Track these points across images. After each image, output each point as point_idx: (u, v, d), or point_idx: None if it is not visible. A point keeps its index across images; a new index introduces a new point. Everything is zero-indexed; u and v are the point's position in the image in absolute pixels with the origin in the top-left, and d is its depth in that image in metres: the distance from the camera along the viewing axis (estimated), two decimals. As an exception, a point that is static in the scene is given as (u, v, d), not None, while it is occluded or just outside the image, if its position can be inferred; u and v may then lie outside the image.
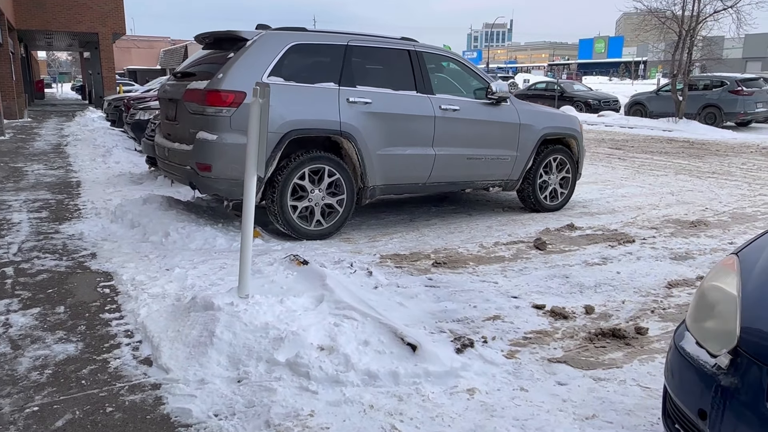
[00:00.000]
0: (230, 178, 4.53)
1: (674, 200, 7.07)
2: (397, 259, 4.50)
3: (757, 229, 5.67)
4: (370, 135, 4.97)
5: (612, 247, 4.97)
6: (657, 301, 3.75)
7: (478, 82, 5.80)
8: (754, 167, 9.88)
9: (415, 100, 5.27)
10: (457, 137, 5.49)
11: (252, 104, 2.90)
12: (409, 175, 5.32)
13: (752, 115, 16.80)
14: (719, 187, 8.03)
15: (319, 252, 4.53)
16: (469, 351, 2.84)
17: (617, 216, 6.19)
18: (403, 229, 5.51)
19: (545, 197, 6.27)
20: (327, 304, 3.19)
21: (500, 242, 5.07)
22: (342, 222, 5.02)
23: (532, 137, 5.98)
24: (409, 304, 3.52)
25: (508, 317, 3.43)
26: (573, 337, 3.18)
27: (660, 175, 9.00)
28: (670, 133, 15.66)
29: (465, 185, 5.76)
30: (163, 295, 3.40)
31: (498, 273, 4.27)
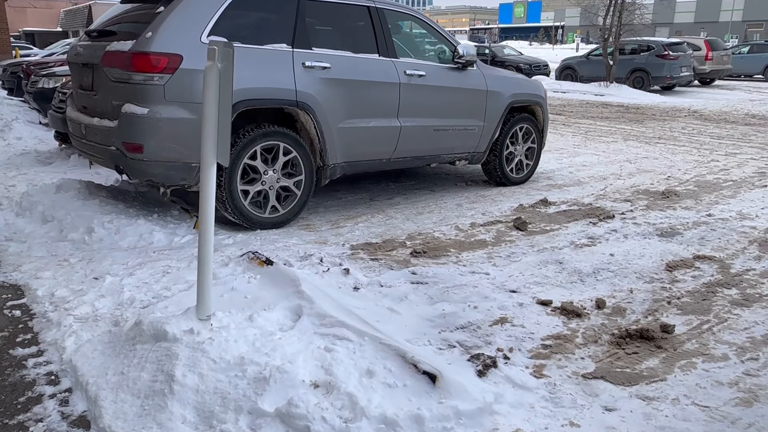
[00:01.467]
0: (166, 160, 3.76)
1: (634, 169, 6.87)
2: (370, 249, 3.93)
3: (726, 198, 5.51)
4: (330, 105, 4.30)
5: (594, 225, 4.62)
6: (666, 289, 3.40)
7: (442, 45, 5.23)
8: (695, 132, 9.95)
9: (378, 65, 4.63)
10: (424, 106, 4.91)
11: (208, 71, 2.20)
12: (372, 151, 4.72)
13: (677, 79, 17.23)
14: (671, 153, 7.94)
15: (280, 245, 3.88)
16: (494, 373, 2.34)
17: (586, 188, 5.88)
18: (365, 210, 4.92)
19: (511, 170, 5.85)
20: (308, 319, 2.59)
21: (476, 223, 4.60)
22: (301, 207, 4.37)
23: (499, 105, 5.50)
24: (401, 308, 2.97)
25: (515, 319, 2.96)
26: (597, 341, 2.76)
27: (610, 142, 8.85)
28: (603, 97, 15.76)
29: (431, 160, 5.23)
30: (95, 316, 2.67)
31: (485, 261, 3.80)
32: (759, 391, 2.36)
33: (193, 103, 3.72)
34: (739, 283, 3.49)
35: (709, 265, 3.79)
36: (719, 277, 3.60)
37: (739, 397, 2.32)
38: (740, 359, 2.61)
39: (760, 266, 3.79)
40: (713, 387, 2.38)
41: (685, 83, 18.06)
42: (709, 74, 18.98)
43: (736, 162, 7.32)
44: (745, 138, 9.29)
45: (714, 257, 3.92)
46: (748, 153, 7.98)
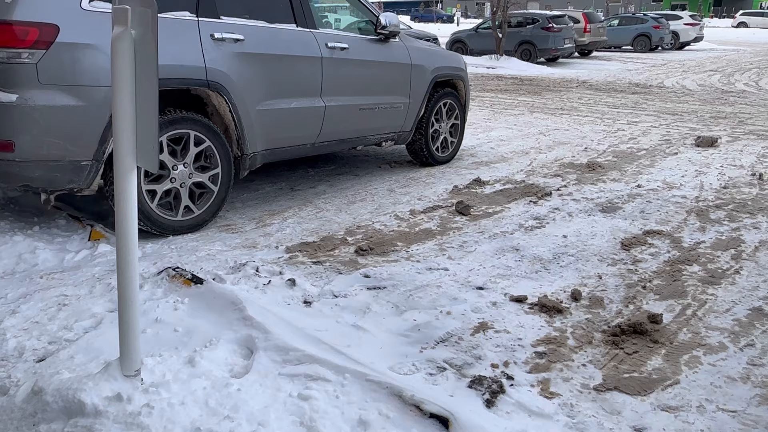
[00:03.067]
0: (47, 159, 2.99)
1: (551, 141, 6.82)
2: (309, 250, 3.42)
3: (646, 167, 5.56)
4: (246, 84, 3.68)
5: (535, 204, 4.41)
6: (632, 271, 3.22)
7: (363, 14, 4.72)
8: (592, 102, 10.23)
9: (297, 37, 4.05)
10: (348, 83, 4.41)
11: (117, 41, 1.59)
12: (296, 135, 4.16)
13: (561, 50, 17.86)
14: (578, 124, 8.03)
15: (202, 254, 3.26)
16: (503, 401, 1.97)
17: (512, 164, 5.70)
18: (290, 203, 4.37)
19: (437, 148, 5.52)
20: (266, 356, 2.07)
21: (416, 210, 4.22)
22: (219, 205, 3.73)
23: (424, 80, 5.11)
24: (367, 324, 2.52)
25: (495, 322, 2.61)
26: (590, 342, 2.48)
27: (518, 114, 8.82)
28: (495, 70, 15.96)
29: (357, 142, 4.75)
30: (-29, 382, 1.97)
31: (438, 254, 3.43)
32: (773, 384, 2.19)
33: (78, 85, 2.98)
34: (697, 259, 3.39)
35: (661, 241, 3.68)
36: (676, 252, 3.49)
37: (759, 394, 2.13)
38: (738, 347, 2.45)
39: (708, 238, 3.74)
40: (728, 385, 2.18)
41: (568, 55, 18.80)
42: (587, 46, 19.90)
43: (639, 130, 7.52)
44: (638, 106, 9.67)
45: (662, 231, 3.83)
46: (647, 121, 8.26)
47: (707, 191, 4.78)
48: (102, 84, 3.05)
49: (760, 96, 10.96)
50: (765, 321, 2.66)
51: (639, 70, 16.09)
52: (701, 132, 7.29)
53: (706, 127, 7.71)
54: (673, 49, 24.01)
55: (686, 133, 7.32)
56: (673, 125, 7.91)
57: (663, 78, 14.12)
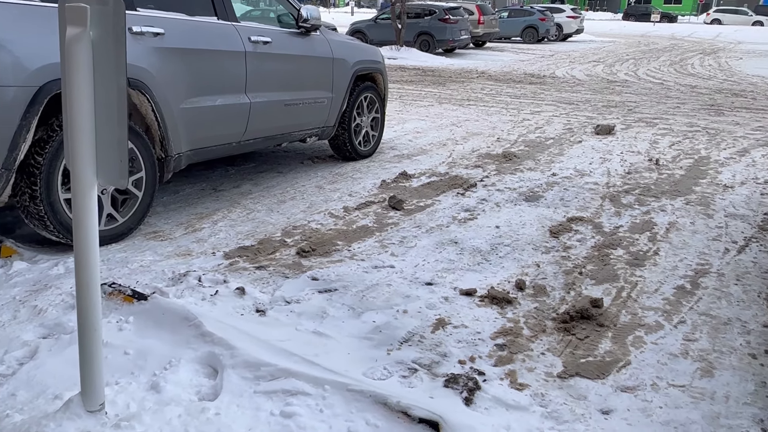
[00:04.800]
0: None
1: (464, 132, 7.01)
2: (249, 255, 3.29)
3: (557, 156, 5.87)
4: (169, 82, 3.46)
5: (462, 195, 4.52)
6: (566, 257, 3.39)
7: (283, 6, 4.58)
8: (494, 92, 10.64)
9: (219, 30, 3.85)
10: (273, 78, 4.27)
11: (71, 44, 1.42)
12: (222, 134, 3.97)
13: (458, 41, 18.39)
14: (486, 114, 8.32)
15: (134, 266, 3.03)
16: (481, 397, 2.01)
17: (432, 156, 5.80)
18: (216, 204, 4.18)
19: (360, 142, 5.50)
20: (236, 373, 1.97)
21: (349, 207, 4.18)
22: (144, 211, 3.49)
23: (345, 74, 5.06)
24: (328, 330, 2.47)
25: (452, 318, 2.66)
26: (544, 330, 2.59)
27: (428, 106, 8.99)
28: (397, 60, 16.14)
29: (283, 139, 4.62)
30: None
31: (381, 251, 3.43)
32: (708, 357, 2.40)
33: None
34: (620, 243, 3.63)
35: (585, 227, 3.91)
36: (600, 238, 3.72)
37: (699, 368, 2.32)
38: (672, 325, 2.65)
39: (624, 222, 4.02)
40: (672, 361, 2.36)
41: (464, 46, 19.40)
42: (482, 37, 20.64)
43: (543, 120, 7.92)
44: (537, 96, 10.19)
45: (584, 218, 4.06)
46: (548, 110, 8.72)
47: (614, 177, 5.13)
48: (9, 84, 2.73)
49: (641, 85, 11.91)
50: (690, 298, 2.91)
51: (531, 61, 16.93)
52: (598, 120, 7.80)
53: (601, 116, 8.27)
54: (558, 41, 25.48)
55: (585, 121, 7.81)
56: (572, 114, 8.41)
57: (554, 68, 14.96)
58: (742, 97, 10.30)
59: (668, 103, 9.56)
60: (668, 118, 8.15)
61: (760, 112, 8.80)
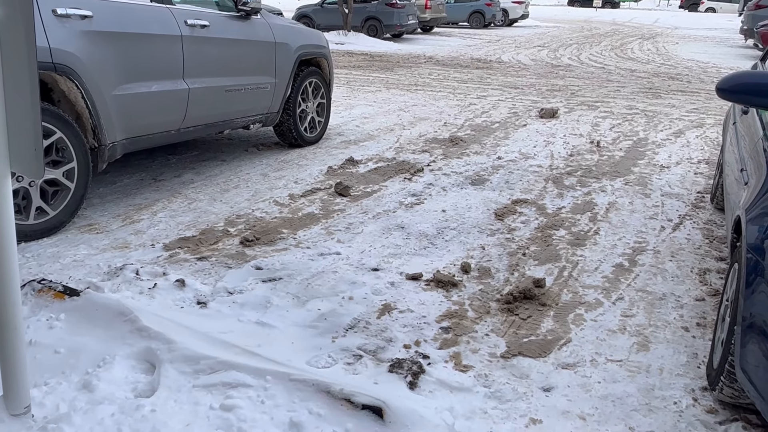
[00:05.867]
0: None
1: (412, 117, 7.01)
2: (190, 246, 3.19)
3: (502, 139, 5.94)
4: (99, 67, 3.30)
5: (409, 180, 4.52)
6: (510, 239, 3.44)
7: (220, -12, 4.43)
8: (441, 77, 10.67)
9: (153, 13, 3.70)
10: (212, 64, 4.14)
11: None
12: (158, 122, 3.83)
13: (406, 26, 18.33)
14: (434, 99, 8.34)
15: (67, 261, 2.89)
16: (425, 381, 2.01)
17: (381, 142, 5.77)
18: (156, 195, 4.04)
19: (305, 129, 5.42)
20: (174, 368, 1.91)
21: (295, 194, 4.12)
22: (78, 203, 3.34)
23: (288, 59, 4.96)
24: (272, 320, 2.42)
25: (398, 302, 2.66)
26: (488, 312, 2.62)
27: (375, 91, 8.94)
28: (344, 46, 15.99)
29: (225, 126, 4.50)
30: None
31: (327, 238, 3.39)
32: (644, 332, 2.48)
33: None
34: (562, 223, 3.71)
35: (528, 209, 3.97)
36: (543, 219, 3.79)
37: (636, 342, 2.40)
38: (611, 302, 2.73)
39: (566, 203, 4.10)
40: (610, 337, 2.43)
41: (412, 31, 19.36)
42: (429, 22, 20.63)
43: (489, 104, 8.00)
44: (484, 81, 10.28)
45: (527, 200, 4.13)
46: (493, 95, 8.81)
47: (557, 159, 5.23)
48: None
49: (584, 69, 12.19)
50: (627, 275, 3.00)
51: (478, 46, 17.07)
52: (542, 104, 7.94)
53: (545, 100, 8.41)
54: (504, 26, 25.76)
55: (529, 105, 7.94)
56: (517, 98, 8.52)
57: (500, 53, 15.12)
58: (678, 81, 10.68)
59: (609, 86, 9.82)
60: (609, 101, 8.37)
61: (694, 94, 9.15)
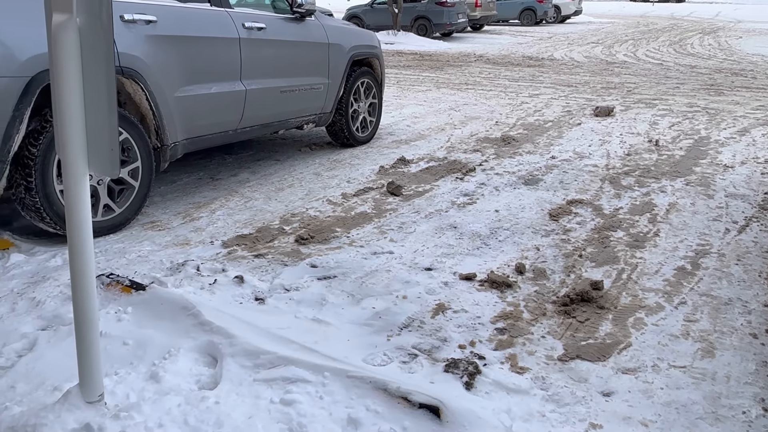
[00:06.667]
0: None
1: (462, 117, 6.97)
2: (248, 243, 3.27)
3: (556, 138, 5.84)
4: (162, 70, 3.42)
5: (461, 180, 4.50)
6: (566, 240, 3.38)
7: (276, -9, 4.53)
8: (492, 76, 10.56)
9: (212, 17, 3.81)
10: (268, 65, 4.23)
11: (58, 31, 1.39)
12: (217, 122, 3.94)
13: (455, 25, 18.25)
14: (485, 98, 8.26)
15: (132, 256, 3.02)
16: (481, 381, 2.01)
17: (431, 141, 5.77)
18: (214, 193, 4.16)
19: (357, 129, 5.47)
20: (235, 362, 1.96)
21: (347, 193, 4.16)
22: (141, 201, 3.47)
23: (341, 60, 5.01)
24: (328, 317, 2.46)
25: (452, 302, 2.65)
26: (545, 314, 2.58)
27: (425, 90, 8.93)
28: (394, 45, 16.03)
29: (279, 126, 4.59)
30: None
31: (380, 237, 3.41)
32: (709, 338, 2.39)
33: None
34: (619, 224, 3.62)
35: (584, 209, 3.89)
36: (600, 220, 3.70)
37: (700, 348, 2.32)
38: (673, 306, 2.64)
39: (624, 203, 4.00)
40: (673, 342, 2.36)
41: (461, 29, 19.25)
42: (479, 20, 20.48)
43: (542, 103, 7.87)
44: (536, 79, 10.11)
45: (583, 200, 4.04)
46: (546, 93, 8.66)
47: (614, 159, 5.10)
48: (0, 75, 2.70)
49: (640, 66, 11.83)
50: (690, 279, 2.90)
51: (529, 44, 16.80)
52: (597, 102, 7.75)
53: (600, 98, 8.21)
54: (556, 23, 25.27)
55: (584, 103, 7.76)
56: (571, 96, 8.35)
57: (552, 51, 14.85)
58: (742, 77, 10.23)
59: (668, 83, 9.50)
60: (668, 98, 8.10)
61: (760, 91, 8.75)
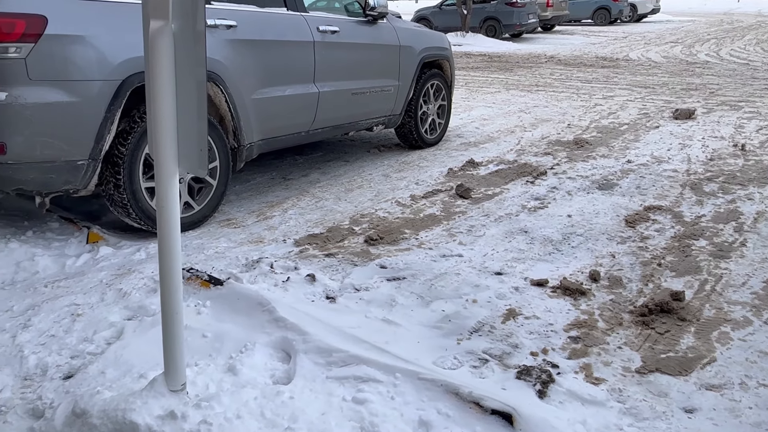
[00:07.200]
0: (42, 160, 2.82)
1: (533, 119, 6.83)
2: (319, 242, 3.34)
3: (632, 142, 5.63)
4: (241, 73, 3.54)
5: (532, 183, 4.41)
6: (643, 248, 3.25)
7: (350, -5, 4.60)
8: (564, 77, 10.30)
9: (288, 21, 3.91)
10: (340, 67, 4.30)
11: (154, 37, 1.46)
12: (291, 123, 4.04)
13: (526, 26, 17.93)
14: (556, 100, 8.07)
15: (210, 252, 3.14)
16: (555, 390, 1.96)
17: (500, 144, 5.69)
18: (286, 192, 4.26)
19: (426, 131, 5.47)
20: (308, 358, 2.01)
21: (416, 195, 4.17)
22: (219, 199, 3.61)
23: (412, 62, 5.03)
24: (397, 318, 2.47)
25: (523, 308, 2.60)
26: (621, 323, 2.49)
27: (494, 92, 8.82)
28: (462, 47, 15.91)
29: (350, 128, 4.66)
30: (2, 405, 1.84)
31: (449, 240, 3.39)
32: (803, 356, 2.24)
33: (70, 80, 2.80)
34: (702, 233, 3.44)
35: (663, 216, 3.73)
36: (680, 228, 3.53)
37: (794, 367, 2.17)
38: (762, 321, 2.49)
39: (707, 211, 3.80)
40: (762, 359, 2.22)
41: (532, 30, 18.88)
42: (550, 20, 20.03)
43: (616, 104, 7.61)
44: (610, 80, 9.79)
45: (662, 207, 3.88)
46: (621, 94, 8.36)
47: (695, 164, 4.86)
48: (95, 78, 2.88)
49: (724, 66, 11.22)
50: (781, 293, 2.72)
51: (603, 44, 16.28)
52: (676, 104, 7.41)
53: (680, 99, 7.85)
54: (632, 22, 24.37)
55: (662, 106, 7.44)
56: (648, 98, 8.03)
57: (627, 51, 14.32)
58: (840, 77, 9.51)
59: (755, 84, 8.96)
60: (755, 100, 7.64)
61: None
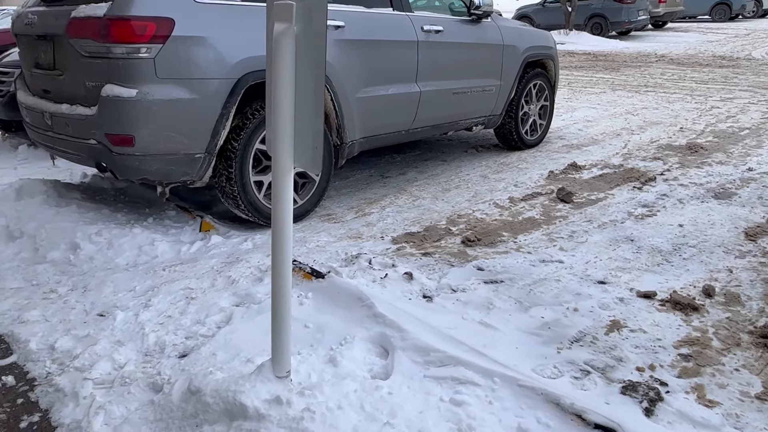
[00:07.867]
0: (165, 152, 3.04)
1: (641, 121, 6.49)
2: (416, 241, 3.36)
3: (754, 148, 5.21)
4: (347, 72, 3.63)
5: (639, 189, 4.19)
6: (765, 264, 3.00)
7: (455, -6, 4.58)
8: (676, 77, 9.70)
9: (394, 21, 3.96)
10: (442, 67, 4.30)
11: (279, 39, 1.54)
12: (391, 122, 4.09)
13: (635, 23, 17.04)
14: (667, 102, 7.62)
15: (311, 245, 3.25)
16: (663, 410, 1.86)
17: (605, 147, 5.45)
18: (384, 190, 4.32)
19: (526, 132, 5.34)
20: (406, 356, 2.02)
21: (515, 197, 4.08)
22: (321, 195, 3.73)
23: (515, 61, 4.93)
24: (494, 321, 2.44)
25: (628, 320, 2.48)
26: (738, 344, 2.32)
27: (599, 93, 8.46)
28: (565, 45, 15.38)
29: (449, 127, 4.65)
30: (122, 378, 2.01)
31: (548, 245, 3.30)
32: None
33: (191, 79, 3.00)
34: (836, 251, 3.13)
35: (790, 231, 3.42)
36: (809, 244, 3.23)
37: None
38: None
39: (842, 227, 3.45)
40: None
41: (641, 27, 17.92)
42: (662, 17, 18.91)
43: (737, 107, 7.06)
44: (729, 81, 9.10)
45: (788, 220, 3.56)
46: (742, 97, 7.75)
47: (829, 174, 4.42)
48: (213, 77, 3.06)
49: None
50: None
51: (721, 42, 15.15)
52: (807, 108, 6.77)
53: (811, 103, 7.16)
54: (756, 17, 22.48)
55: (790, 109, 6.83)
56: (773, 101, 7.39)
57: (750, 49, 13.25)
58: None
59: None
60: None
61: None
